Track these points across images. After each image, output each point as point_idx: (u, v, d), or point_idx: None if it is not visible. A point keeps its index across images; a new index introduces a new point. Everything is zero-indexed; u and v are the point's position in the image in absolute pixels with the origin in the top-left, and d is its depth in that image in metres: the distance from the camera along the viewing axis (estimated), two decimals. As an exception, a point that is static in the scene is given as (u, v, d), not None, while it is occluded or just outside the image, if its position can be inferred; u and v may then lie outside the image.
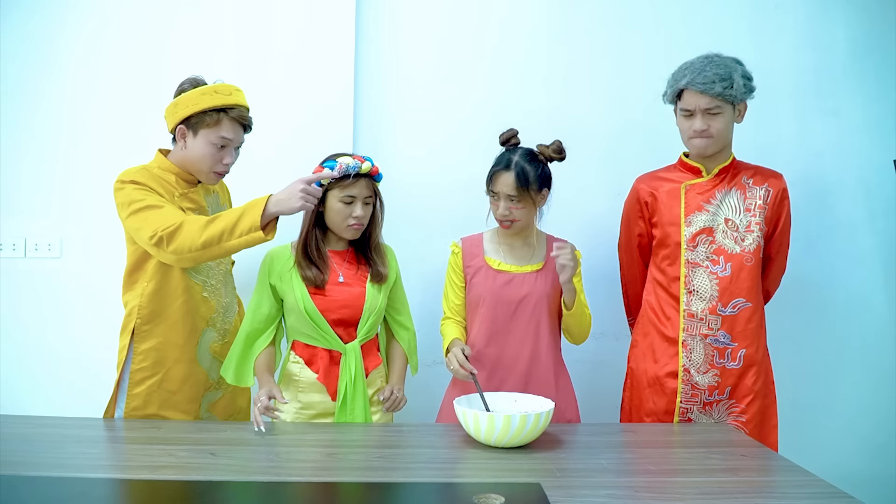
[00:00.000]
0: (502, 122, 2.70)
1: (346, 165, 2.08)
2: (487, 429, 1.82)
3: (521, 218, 2.17)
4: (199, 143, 2.08)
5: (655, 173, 2.39)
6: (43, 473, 1.61)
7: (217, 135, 2.07)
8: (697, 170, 2.30)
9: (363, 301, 2.16)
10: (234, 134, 2.10)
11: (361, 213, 2.13)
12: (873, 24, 2.83)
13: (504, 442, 1.84)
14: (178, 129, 2.09)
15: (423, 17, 2.76)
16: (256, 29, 2.68)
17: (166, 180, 2.11)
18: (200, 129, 2.07)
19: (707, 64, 2.19)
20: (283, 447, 1.86)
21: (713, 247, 2.23)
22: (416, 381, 2.62)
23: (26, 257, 2.67)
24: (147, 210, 2.00)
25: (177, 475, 1.62)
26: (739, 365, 2.22)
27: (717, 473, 1.72)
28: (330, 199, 2.13)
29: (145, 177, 2.07)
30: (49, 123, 2.67)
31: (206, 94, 2.06)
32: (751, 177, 2.28)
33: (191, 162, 2.11)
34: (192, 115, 2.06)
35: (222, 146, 2.09)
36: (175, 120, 2.09)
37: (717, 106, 2.18)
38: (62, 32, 2.66)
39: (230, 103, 2.08)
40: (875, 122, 2.83)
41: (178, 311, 2.11)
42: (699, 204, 2.25)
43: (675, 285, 2.27)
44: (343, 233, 2.16)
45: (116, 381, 2.12)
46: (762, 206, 2.25)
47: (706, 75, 2.17)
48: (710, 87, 2.16)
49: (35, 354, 2.68)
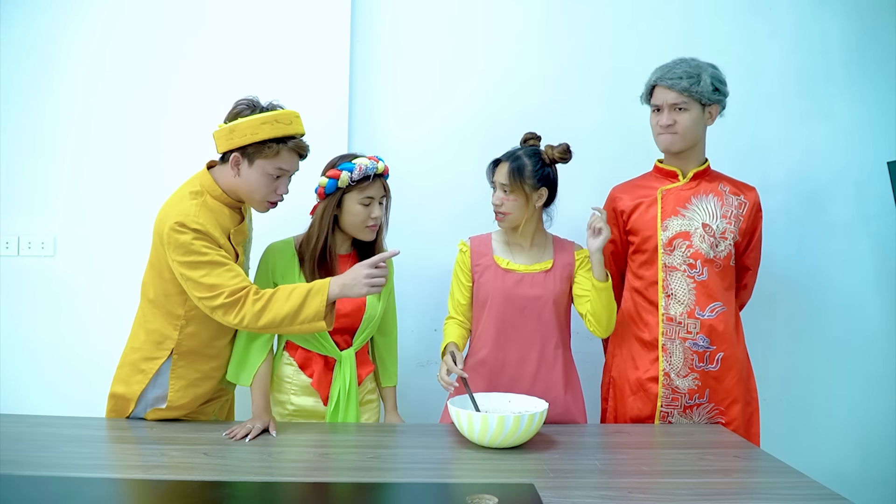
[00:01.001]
0: (497, 120, 2.73)
1: (364, 167, 2.07)
2: (481, 429, 1.82)
3: (511, 211, 2.17)
4: (254, 173, 1.97)
5: (631, 182, 2.40)
6: (35, 473, 1.61)
7: (274, 166, 1.97)
8: (674, 174, 2.31)
9: (363, 311, 2.15)
10: (291, 164, 2.01)
11: (379, 214, 2.13)
12: (866, 26, 2.84)
13: (497, 443, 1.84)
14: (233, 156, 1.96)
15: (418, 17, 2.76)
16: (252, 29, 2.67)
17: (222, 216, 1.99)
18: (257, 158, 1.95)
19: (679, 63, 2.25)
20: (277, 447, 1.86)
21: (690, 251, 2.23)
22: (411, 381, 2.63)
23: (20, 255, 2.67)
24: (209, 266, 1.89)
25: (170, 475, 1.62)
26: (718, 367, 2.23)
27: (710, 474, 1.72)
28: (348, 201, 2.11)
29: (208, 221, 1.93)
30: (43, 122, 2.66)
31: (266, 124, 1.93)
32: (727, 185, 2.31)
33: (243, 190, 2.00)
34: (248, 145, 1.95)
35: (278, 176, 1.99)
36: (229, 146, 1.96)
37: (683, 102, 2.21)
38: (58, 32, 2.65)
39: (290, 133, 1.97)
40: (868, 123, 2.84)
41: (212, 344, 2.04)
42: (675, 208, 2.27)
43: (652, 289, 2.28)
44: (361, 234, 2.14)
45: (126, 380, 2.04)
46: (737, 217, 2.27)
47: (675, 72, 2.22)
48: (677, 83, 2.20)
49: (28, 352, 2.67)
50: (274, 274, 2.14)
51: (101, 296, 2.65)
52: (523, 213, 2.18)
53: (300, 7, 2.68)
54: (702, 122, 2.25)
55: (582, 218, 2.54)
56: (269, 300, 1.89)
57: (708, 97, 2.21)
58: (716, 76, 2.23)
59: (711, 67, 2.24)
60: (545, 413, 1.89)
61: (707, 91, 2.20)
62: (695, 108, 2.22)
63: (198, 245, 1.89)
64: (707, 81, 2.20)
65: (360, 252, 2.22)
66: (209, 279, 1.88)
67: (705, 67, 2.23)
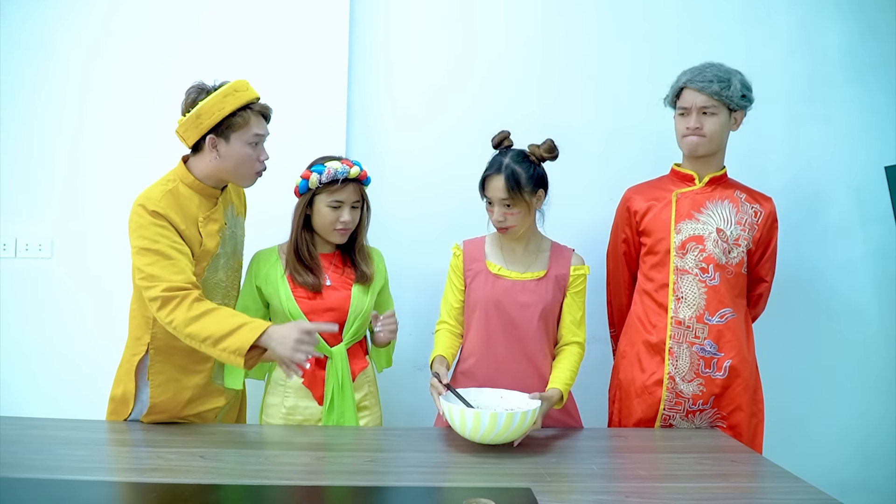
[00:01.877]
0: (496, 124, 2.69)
1: (333, 171, 2.08)
2: (473, 426, 1.82)
3: (516, 223, 2.12)
4: (234, 148, 1.98)
5: (647, 183, 2.40)
6: (31, 475, 1.60)
7: (251, 134, 1.98)
8: (690, 177, 2.30)
9: (348, 304, 2.15)
10: (263, 128, 2.04)
11: (349, 218, 2.13)
12: (864, 31, 2.84)
13: (490, 439, 1.83)
14: (208, 139, 1.96)
15: (417, 20, 2.76)
16: (251, 33, 2.67)
17: (190, 203, 1.99)
18: (232, 133, 1.96)
19: (708, 66, 2.25)
20: (273, 450, 1.86)
21: (703, 255, 2.23)
22: (407, 385, 2.63)
23: (17, 257, 2.66)
24: (156, 255, 1.88)
25: (166, 478, 1.62)
26: (725, 375, 2.22)
27: (708, 479, 1.72)
28: (318, 203, 2.13)
29: (170, 206, 1.93)
30: (40, 124, 2.66)
31: (228, 96, 1.95)
32: (743, 193, 2.30)
33: (229, 170, 2.00)
34: (220, 122, 1.95)
35: (256, 143, 2.01)
36: (201, 131, 1.96)
37: (713, 105, 2.21)
38: (55, 34, 2.65)
39: (251, 98, 1.99)
40: (866, 128, 2.85)
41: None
42: (689, 212, 2.26)
43: (662, 292, 2.27)
44: (330, 236, 2.16)
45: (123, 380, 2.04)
46: (752, 226, 2.26)
47: (705, 74, 2.22)
48: (708, 86, 2.20)
49: (25, 354, 2.66)
50: (257, 277, 2.16)
51: (97, 298, 2.64)
52: (528, 221, 2.16)
53: (299, 12, 2.68)
54: (727, 127, 2.25)
55: (583, 221, 2.55)
56: (205, 312, 1.83)
57: (737, 102, 2.21)
58: (744, 82, 2.23)
59: (739, 73, 2.24)
60: (538, 410, 1.89)
61: (736, 96, 2.20)
62: (723, 113, 2.22)
63: (152, 231, 1.89)
64: (737, 87, 2.20)
65: (343, 253, 2.23)
66: (152, 269, 1.86)
67: (735, 73, 2.23)
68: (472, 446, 1.89)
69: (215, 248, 2.03)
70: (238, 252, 2.18)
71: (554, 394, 2.03)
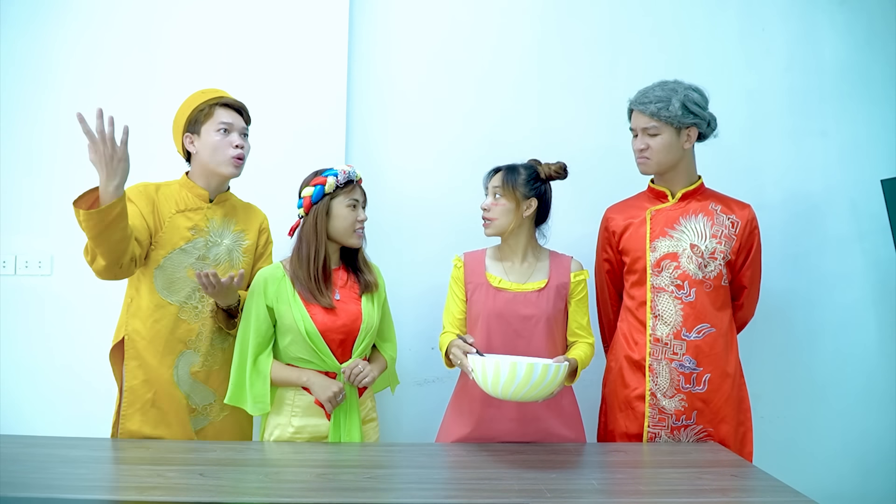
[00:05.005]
0: (492, 136, 2.75)
1: (347, 171, 2.15)
2: (508, 377, 1.82)
3: (497, 216, 2.17)
4: (205, 139, 2.14)
5: (625, 202, 2.41)
6: (31, 494, 1.60)
7: (217, 122, 2.13)
8: (663, 194, 2.32)
9: (360, 320, 2.15)
10: (232, 118, 2.16)
11: (365, 217, 2.19)
12: (859, 45, 2.87)
13: (523, 393, 1.84)
14: (185, 139, 2.16)
15: (416, 32, 2.79)
16: (251, 45, 2.70)
17: (171, 197, 2.16)
18: (201, 126, 2.14)
19: (654, 87, 2.26)
20: (273, 467, 1.86)
21: (678, 272, 2.23)
22: (409, 400, 2.63)
23: (17, 274, 2.67)
24: None
25: (166, 496, 1.61)
26: (705, 389, 2.22)
27: (708, 494, 1.72)
28: (336, 206, 2.15)
29: (142, 193, 2.13)
30: (40, 140, 2.67)
31: (193, 97, 2.17)
32: (718, 204, 2.30)
33: (206, 162, 2.16)
34: (189, 120, 2.14)
35: (225, 130, 2.14)
36: (179, 135, 2.17)
37: (653, 126, 2.22)
38: (56, 48, 2.67)
39: (216, 95, 2.17)
40: (863, 141, 2.87)
41: (149, 330, 2.13)
42: (663, 229, 2.27)
43: (641, 310, 2.28)
44: (350, 238, 2.17)
45: (118, 398, 2.14)
46: (729, 237, 2.26)
47: (647, 96, 2.24)
48: (646, 107, 2.22)
49: (25, 371, 2.67)
50: (267, 297, 2.13)
51: (97, 314, 2.64)
52: (510, 221, 2.17)
53: (298, 22, 2.70)
54: (677, 145, 2.24)
55: (578, 238, 2.56)
56: None
57: (679, 121, 2.20)
58: (689, 98, 2.21)
59: (688, 90, 2.22)
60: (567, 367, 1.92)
61: (676, 115, 2.19)
62: (667, 132, 2.22)
63: None
64: (676, 105, 2.19)
65: (347, 265, 2.23)
66: None
67: (679, 91, 2.21)
68: (470, 462, 1.89)
69: (180, 241, 2.12)
70: (223, 266, 2.19)
71: (572, 361, 2.07)
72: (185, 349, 2.15)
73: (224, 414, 2.21)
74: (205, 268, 2.15)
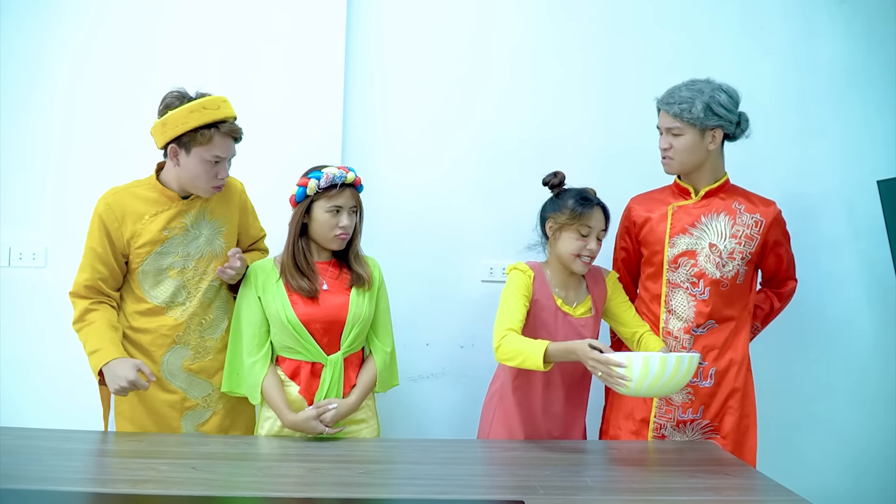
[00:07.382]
0: (491, 137, 2.74)
1: (332, 175, 2.10)
2: (658, 370, 1.84)
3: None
4: (192, 161, 2.05)
5: (649, 194, 2.41)
6: (23, 486, 1.60)
7: (210, 153, 2.04)
8: (687, 191, 2.32)
9: (347, 310, 2.15)
10: (227, 150, 2.08)
11: (348, 223, 2.14)
12: (857, 45, 2.86)
13: (671, 386, 1.87)
14: (170, 147, 2.05)
15: (413, 32, 2.78)
16: (247, 45, 2.69)
17: (145, 199, 2.12)
18: (193, 147, 2.03)
19: (682, 86, 2.25)
20: (266, 462, 1.85)
21: (694, 269, 2.24)
22: (401, 397, 2.62)
23: (10, 266, 2.66)
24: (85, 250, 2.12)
25: (158, 489, 1.61)
26: (711, 383, 2.24)
27: (701, 492, 1.72)
28: (316, 210, 2.13)
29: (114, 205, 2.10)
30: (34, 132, 2.66)
31: (194, 112, 2.00)
32: (743, 202, 2.29)
33: (185, 179, 2.08)
34: (182, 135, 2.02)
35: (216, 162, 2.06)
36: (165, 139, 2.05)
37: (676, 126, 2.22)
38: (50, 42, 2.65)
39: (219, 118, 2.03)
40: (859, 142, 2.86)
41: (135, 332, 2.14)
42: (684, 226, 2.27)
43: (655, 303, 2.30)
44: (329, 243, 2.16)
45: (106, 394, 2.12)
46: (750, 236, 2.26)
47: (673, 96, 2.23)
48: (670, 108, 2.22)
49: (19, 363, 2.66)
50: (257, 288, 2.16)
51: (92, 307, 2.63)
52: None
53: (294, 22, 2.69)
54: (701, 146, 2.22)
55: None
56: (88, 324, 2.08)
57: (702, 123, 2.19)
58: (715, 99, 2.19)
59: (715, 91, 2.20)
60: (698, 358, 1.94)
61: (699, 116, 2.18)
62: (690, 133, 2.21)
63: (92, 225, 2.11)
64: (699, 108, 2.17)
65: (339, 260, 2.23)
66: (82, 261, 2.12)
67: (704, 92, 2.19)
68: (464, 458, 1.89)
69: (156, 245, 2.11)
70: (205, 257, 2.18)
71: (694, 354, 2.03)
72: (174, 344, 2.15)
73: (223, 403, 2.21)
74: (188, 263, 2.15)
